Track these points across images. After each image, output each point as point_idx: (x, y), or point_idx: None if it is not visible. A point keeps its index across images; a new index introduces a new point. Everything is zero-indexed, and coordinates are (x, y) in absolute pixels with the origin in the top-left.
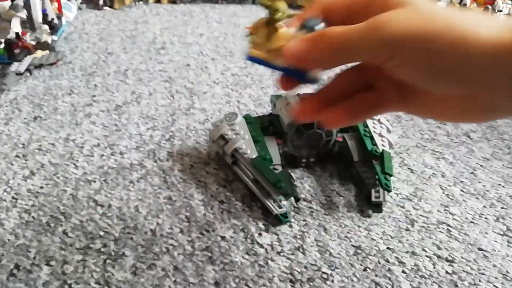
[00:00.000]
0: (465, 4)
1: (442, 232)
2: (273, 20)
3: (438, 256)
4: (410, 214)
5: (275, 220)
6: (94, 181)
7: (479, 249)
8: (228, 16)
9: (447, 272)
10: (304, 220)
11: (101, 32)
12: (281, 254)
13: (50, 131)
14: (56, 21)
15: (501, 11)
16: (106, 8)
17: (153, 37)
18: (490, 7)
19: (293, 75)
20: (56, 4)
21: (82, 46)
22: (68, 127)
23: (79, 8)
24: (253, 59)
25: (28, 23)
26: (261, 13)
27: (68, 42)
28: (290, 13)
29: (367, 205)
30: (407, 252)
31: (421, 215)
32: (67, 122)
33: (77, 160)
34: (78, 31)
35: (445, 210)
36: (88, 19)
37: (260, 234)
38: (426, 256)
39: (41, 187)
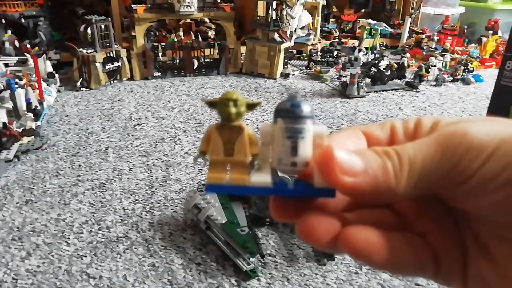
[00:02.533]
0: (403, 63)
1: (385, 272)
2: (228, 120)
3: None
4: None
5: (245, 276)
6: (85, 256)
7: (416, 284)
8: (196, 88)
9: None
10: (270, 273)
11: (81, 113)
12: None
13: (41, 213)
14: (38, 107)
15: (434, 65)
16: (84, 89)
17: (129, 114)
18: (423, 64)
19: (298, 193)
20: (37, 91)
21: (64, 128)
22: (58, 207)
23: (58, 91)
24: (217, 188)
25: (14, 112)
26: (225, 83)
27: (50, 125)
28: (250, 101)
29: (323, 254)
30: None
31: None
32: (56, 203)
33: (68, 238)
34: (59, 113)
35: None
36: (67, 100)
37: None
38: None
39: (38, 266)
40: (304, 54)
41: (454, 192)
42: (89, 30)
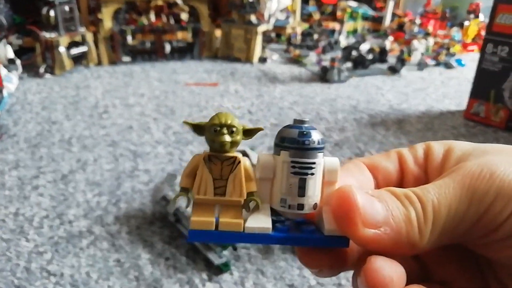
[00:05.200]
0: (384, 47)
1: None
2: (220, 151)
3: None
4: None
5: (217, 270)
6: (46, 252)
7: None
8: (168, 73)
9: None
10: (243, 266)
11: (44, 101)
12: None
13: None
14: None
15: (417, 49)
16: (48, 75)
17: (95, 102)
18: (405, 48)
19: (304, 243)
20: None
21: (25, 117)
22: (17, 201)
23: (20, 78)
24: (203, 235)
25: None
26: (199, 68)
27: (11, 114)
28: (247, 126)
29: None
30: (334, 284)
31: None
32: (15, 197)
33: (28, 233)
34: (20, 101)
35: None
36: (29, 88)
37: (203, 285)
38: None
39: None
40: (283, 38)
41: (480, 241)
42: (52, 13)
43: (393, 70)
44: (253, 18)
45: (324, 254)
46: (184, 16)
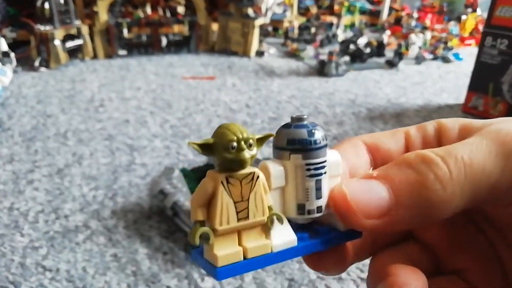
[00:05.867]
0: (382, 41)
1: None
2: (238, 169)
3: (361, 279)
4: None
5: None
6: (41, 247)
7: None
8: (165, 67)
9: None
10: None
11: (39, 94)
12: None
13: None
14: None
15: (414, 43)
16: (43, 68)
17: (91, 95)
18: (403, 42)
19: (328, 244)
20: None
21: (20, 110)
22: (11, 195)
23: (15, 72)
24: (232, 270)
25: None
26: (196, 61)
27: (5, 107)
28: (258, 135)
29: None
30: (334, 278)
31: None
32: (10, 191)
33: (22, 228)
34: (15, 95)
35: None
36: (24, 82)
37: (202, 280)
38: (351, 279)
39: None
40: (280, 31)
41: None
42: (47, 5)
43: (391, 64)
44: (250, 11)
45: (328, 254)
46: (180, 9)
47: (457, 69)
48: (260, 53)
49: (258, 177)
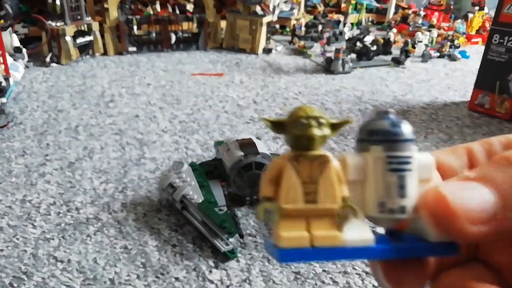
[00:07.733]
0: (389, 39)
1: None
2: (307, 148)
3: (366, 273)
4: None
5: (223, 257)
6: (53, 239)
7: None
8: (174, 63)
9: (374, 286)
10: (250, 254)
11: (50, 90)
12: (230, 287)
13: (6, 194)
14: (4, 83)
15: (421, 41)
16: (54, 64)
17: (102, 91)
18: (409, 39)
19: (414, 253)
20: (2, 66)
21: (31, 105)
22: (24, 188)
23: (26, 67)
24: (296, 254)
25: None
26: (204, 58)
27: (17, 102)
28: (334, 120)
29: None
30: (339, 272)
31: None
32: (22, 184)
33: (34, 220)
34: (26, 90)
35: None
36: (36, 77)
37: (210, 272)
38: (356, 273)
39: (1, 250)
40: (288, 29)
41: None
42: (58, 2)
43: (397, 62)
44: (258, 9)
45: (408, 267)
46: (189, 6)
47: (464, 66)
48: (267, 50)
49: (329, 161)
